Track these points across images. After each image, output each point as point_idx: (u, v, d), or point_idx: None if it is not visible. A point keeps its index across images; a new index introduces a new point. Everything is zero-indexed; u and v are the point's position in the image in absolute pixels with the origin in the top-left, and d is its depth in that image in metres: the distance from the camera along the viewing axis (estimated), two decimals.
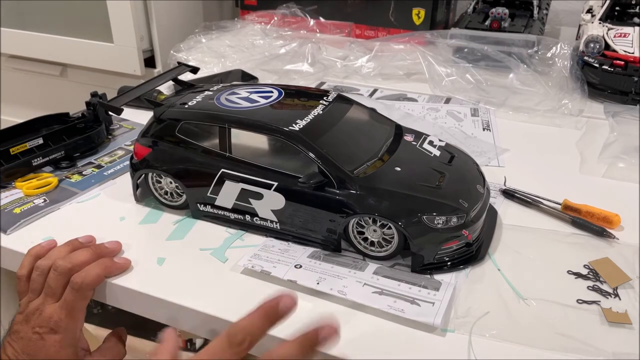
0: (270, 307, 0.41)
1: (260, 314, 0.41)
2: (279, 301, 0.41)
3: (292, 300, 0.41)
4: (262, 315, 0.41)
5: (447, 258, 0.55)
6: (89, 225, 0.63)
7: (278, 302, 0.41)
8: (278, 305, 0.41)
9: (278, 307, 0.41)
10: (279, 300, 0.41)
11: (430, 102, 0.96)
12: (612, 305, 0.51)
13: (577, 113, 0.91)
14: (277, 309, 0.41)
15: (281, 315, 0.41)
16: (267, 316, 0.41)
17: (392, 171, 0.57)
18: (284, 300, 0.41)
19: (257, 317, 0.41)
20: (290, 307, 0.41)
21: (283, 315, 0.41)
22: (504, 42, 1.05)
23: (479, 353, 0.47)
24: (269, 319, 0.41)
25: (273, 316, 0.41)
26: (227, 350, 0.41)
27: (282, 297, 0.41)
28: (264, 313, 0.41)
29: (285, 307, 0.41)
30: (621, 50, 0.93)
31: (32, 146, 0.72)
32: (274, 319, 0.41)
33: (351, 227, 0.56)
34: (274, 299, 0.41)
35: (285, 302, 0.41)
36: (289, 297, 0.41)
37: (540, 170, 0.75)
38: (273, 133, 0.57)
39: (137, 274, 0.56)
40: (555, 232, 0.62)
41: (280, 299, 0.41)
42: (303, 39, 1.17)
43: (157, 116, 0.63)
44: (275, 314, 0.41)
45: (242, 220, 0.61)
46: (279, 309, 0.41)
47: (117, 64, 1.28)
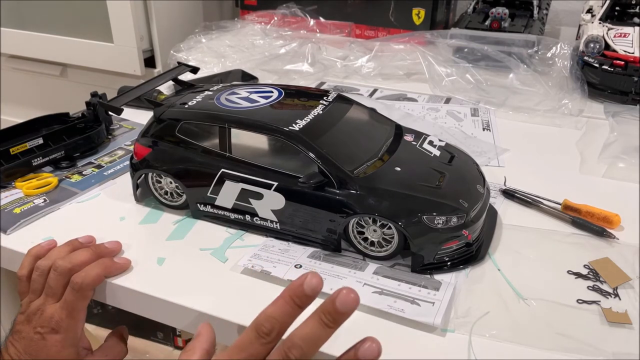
0: (295, 289, 0.38)
1: (286, 298, 0.39)
2: (304, 281, 0.38)
3: (318, 278, 0.38)
4: (289, 300, 0.39)
5: (447, 258, 0.55)
6: (89, 225, 0.63)
7: (302, 283, 0.38)
8: (303, 286, 0.38)
9: (304, 289, 0.38)
10: (303, 280, 0.38)
11: (430, 102, 0.96)
12: (612, 305, 0.51)
13: (577, 113, 0.91)
14: (303, 291, 0.38)
15: (308, 296, 0.38)
16: (293, 300, 0.38)
17: (392, 171, 0.57)
18: (309, 280, 0.38)
19: (283, 302, 0.39)
20: (316, 287, 0.38)
21: (310, 297, 0.38)
22: (504, 42, 1.05)
23: (479, 353, 0.47)
24: (295, 303, 0.38)
25: (300, 299, 0.38)
26: (256, 342, 0.39)
27: (306, 277, 0.38)
28: (290, 297, 0.39)
29: (311, 288, 0.38)
30: (621, 50, 0.93)
31: (32, 146, 0.72)
32: (301, 302, 0.38)
33: (351, 227, 0.56)
34: (298, 280, 0.38)
35: (311, 282, 0.38)
36: (314, 275, 0.38)
37: (540, 170, 0.75)
38: (273, 133, 0.57)
39: (137, 274, 0.56)
40: (555, 232, 0.62)
41: (305, 279, 0.38)
42: (303, 39, 1.17)
43: (157, 116, 0.63)
44: (302, 295, 0.38)
45: (242, 220, 0.61)
46: (304, 290, 0.38)
47: (117, 64, 1.28)
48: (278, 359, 0.38)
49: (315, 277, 0.38)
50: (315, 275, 0.38)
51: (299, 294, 0.38)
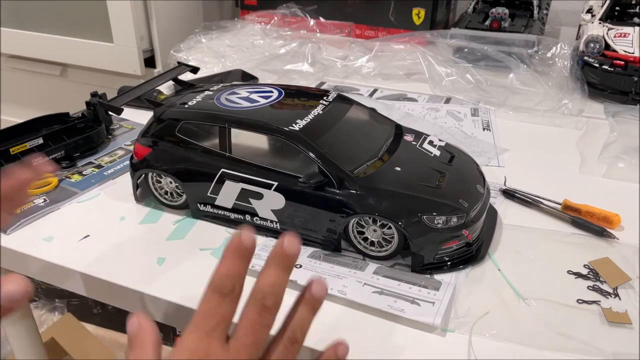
0: (236, 245, 0.38)
1: (233, 254, 0.38)
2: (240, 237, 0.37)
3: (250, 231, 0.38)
4: (236, 255, 0.38)
5: (447, 258, 0.55)
6: (89, 225, 0.63)
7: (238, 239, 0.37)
8: (242, 241, 0.37)
9: (243, 243, 0.37)
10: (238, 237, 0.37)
11: (430, 102, 0.96)
12: (612, 305, 0.51)
13: (577, 113, 0.91)
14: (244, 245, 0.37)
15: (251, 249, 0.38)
16: (239, 253, 0.38)
17: (392, 171, 0.57)
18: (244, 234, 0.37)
19: (232, 258, 0.38)
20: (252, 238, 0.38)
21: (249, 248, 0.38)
22: (504, 42, 1.05)
23: (479, 353, 0.47)
24: (242, 255, 0.38)
25: (245, 252, 0.38)
26: (222, 303, 0.38)
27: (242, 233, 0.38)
28: (236, 252, 0.38)
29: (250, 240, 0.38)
30: (621, 50, 0.93)
31: (32, 146, 0.72)
32: (247, 254, 0.38)
33: (351, 227, 0.56)
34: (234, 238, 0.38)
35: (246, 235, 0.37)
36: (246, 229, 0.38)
37: (540, 170, 0.75)
38: (273, 133, 0.57)
39: (137, 274, 0.56)
40: (555, 232, 0.62)
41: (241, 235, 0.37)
42: (303, 39, 1.17)
43: (157, 116, 0.63)
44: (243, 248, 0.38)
45: (242, 220, 0.61)
46: (244, 244, 0.37)
47: (117, 64, 1.28)
48: (253, 310, 0.38)
49: (247, 229, 0.38)
50: (247, 228, 0.38)
51: (240, 248, 0.38)
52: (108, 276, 0.55)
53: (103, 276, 0.55)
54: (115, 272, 0.56)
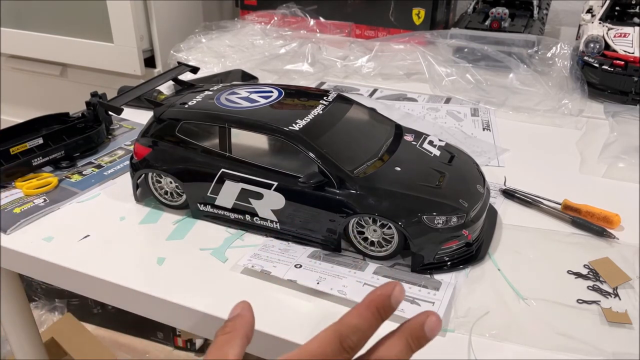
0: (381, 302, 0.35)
1: (372, 310, 0.36)
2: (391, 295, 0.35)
3: (401, 291, 0.36)
4: (375, 312, 0.35)
5: (447, 258, 0.55)
6: (89, 225, 0.63)
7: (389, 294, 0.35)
8: (390, 299, 0.35)
9: (391, 301, 0.35)
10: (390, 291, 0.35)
11: (430, 102, 0.96)
12: (612, 305, 0.51)
13: (577, 113, 0.91)
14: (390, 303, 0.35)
15: (393, 309, 0.36)
16: (379, 312, 0.36)
17: (392, 171, 0.57)
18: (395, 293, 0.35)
19: (369, 313, 0.36)
20: (400, 299, 0.36)
21: (394, 309, 0.36)
22: (504, 42, 1.05)
23: (479, 353, 0.47)
24: (381, 316, 0.36)
25: (385, 311, 0.36)
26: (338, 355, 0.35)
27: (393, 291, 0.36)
28: (376, 309, 0.36)
29: (397, 301, 0.35)
30: (621, 50, 0.93)
31: (32, 146, 0.72)
32: (386, 314, 0.36)
33: (351, 226, 0.56)
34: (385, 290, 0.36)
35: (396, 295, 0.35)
36: (398, 285, 0.36)
37: (540, 170, 0.75)
38: (273, 133, 0.57)
39: (137, 274, 0.56)
40: (555, 232, 0.62)
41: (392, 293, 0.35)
42: (303, 39, 1.17)
43: (157, 116, 0.63)
44: (388, 307, 0.36)
45: (242, 220, 0.61)
46: (391, 303, 0.35)
47: (117, 64, 1.28)
48: None
49: (400, 289, 0.36)
50: (399, 287, 0.36)
51: (385, 307, 0.36)
52: (108, 276, 0.55)
53: (103, 276, 0.55)
54: (115, 272, 0.56)
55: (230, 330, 0.39)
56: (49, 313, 1.43)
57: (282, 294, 0.53)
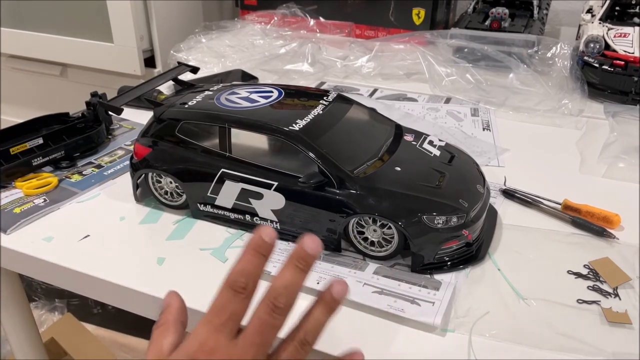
0: (257, 241, 0.39)
1: (251, 252, 0.39)
2: (261, 233, 0.39)
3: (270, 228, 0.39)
4: (253, 253, 0.39)
5: (447, 258, 0.55)
6: (89, 225, 0.63)
7: (260, 235, 0.39)
8: (262, 238, 0.39)
9: (263, 239, 0.39)
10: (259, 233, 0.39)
11: (430, 102, 0.96)
12: (612, 305, 0.51)
13: (577, 113, 0.91)
14: (264, 240, 0.39)
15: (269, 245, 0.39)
16: (258, 251, 0.39)
17: (392, 171, 0.57)
18: (264, 230, 0.39)
19: (250, 256, 0.39)
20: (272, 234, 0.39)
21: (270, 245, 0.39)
22: (504, 42, 1.05)
23: (479, 353, 0.47)
24: (261, 253, 0.39)
25: (263, 249, 0.39)
26: (234, 299, 0.39)
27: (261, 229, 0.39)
28: (254, 249, 0.39)
29: (270, 237, 0.39)
30: (621, 50, 0.93)
31: (32, 146, 0.72)
32: (266, 251, 0.39)
33: (351, 227, 0.56)
34: (255, 234, 0.39)
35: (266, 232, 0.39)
36: (265, 226, 0.39)
37: (540, 170, 0.75)
38: (273, 133, 0.57)
39: (137, 274, 0.56)
40: (555, 232, 0.62)
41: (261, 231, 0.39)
42: (303, 39, 1.17)
43: (157, 116, 0.63)
44: (264, 245, 0.39)
45: (242, 220, 0.61)
46: (265, 241, 0.39)
47: (117, 64, 1.28)
48: (264, 310, 0.39)
49: (268, 227, 0.39)
50: (267, 226, 0.40)
51: (261, 244, 0.39)
52: (108, 276, 0.55)
53: (103, 276, 0.55)
54: (115, 272, 0.56)
55: (162, 323, 0.42)
56: (49, 313, 1.43)
57: None
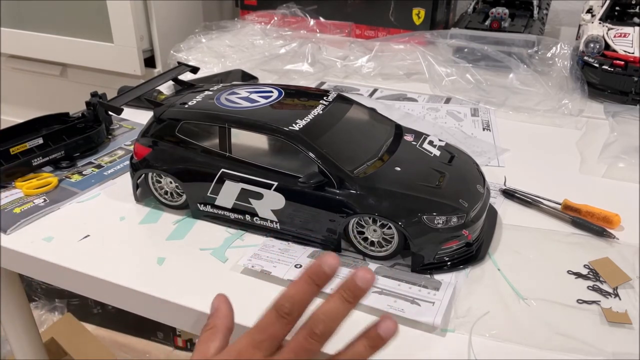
0: (314, 269, 0.39)
1: (305, 279, 0.39)
2: (322, 262, 0.39)
3: (335, 258, 0.39)
4: (308, 280, 0.39)
5: (447, 258, 0.55)
6: (89, 225, 0.63)
7: (321, 264, 0.39)
8: (322, 267, 0.39)
9: (323, 268, 0.39)
10: (321, 261, 0.39)
11: (430, 102, 0.96)
12: (612, 305, 0.51)
13: (577, 113, 0.91)
14: (323, 270, 0.39)
15: (327, 275, 0.39)
16: (312, 279, 0.39)
17: (392, 171, 0.57)
18: (326, 260, 0.39)
19: (303, 282, 0.39)
20: (334, 265, 0.39)
21: (329, 276, 0.39)
22: (504, 42, 1.05)
23: (479, 353, 0.47)
24: (315, 282, 0.39)
25: (319, 278, 0.39)
26: (277, 322, 0.40)
27: (324, 258, 0.39)
28: (309, 277, 0.39)
29: (329, 267, 0.39)
30: (621, 50, 0.93)
31: (32, 146, 0.72)
32: (320, 281, 0.39)
33: (351, 227, 0.56)
34: (317, 261, 0.39)
35: (329, 261, 0.39)
36: (331, 254, 0.39)
37: (540, 170, 0.75)
38: (273, 133, 0.57)
39: (137, 274, 0.56)
40: (555, 232, 0.62)
41: (323, 260, 0.39)
42: (303, 39, 1.17)
43: (157, 116, 0.63)
44: (321, 274, 0.39)
45: (242, 220, 0.61)
46: (324, 269, 0.39)
47: (117, 64, 1.28)
48: (303, 334, 0.39)
49: (332, 256, 0.39)
50: (332, 255, 0.40)
51: (318, 273, 0.39)
52: (108, 276, 0.55)
53: (103, 276, 0.55)
54: (115, 272, 0.56)
55: (212, 327, 0.43)
56: (49, 313, 1.43)
57: None
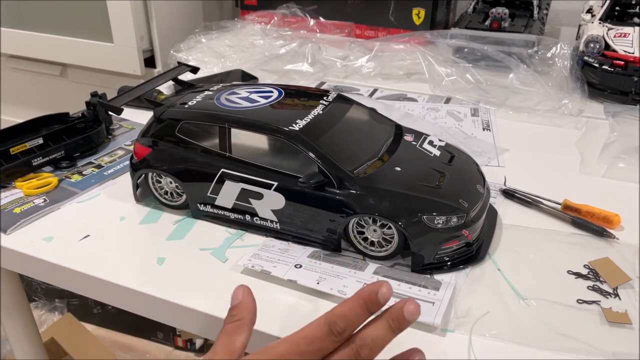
0: (370, 296, 0.39)
1: (360, 302, 0.39)
2: (378, 292, 0.39)
3: (390, 289, 0.40)
4: (362, 304, 0.39)
5: (447, 258, 0.55)
6: (89, 225, 0.63)
7: (377, 292, 0.39)
8: (377, 296, 0.39)
9: (378, 298, 0.39)
10: (377, 289, 0.39)
11: (430, 102, 0.96)
12: (612, 305, 0.51)
13: (577, 113, 0.91)
14: (377, 299, 0.39)
15: (380, 305, 0.40)
16: (366, 305, 0.39)
17: (392, 171, 0.57)
18: (382, 290, 0.39)
19: (357, 305, 0.39)
20: (388, 297, 0.40)
21: (381, 305, 0.40)
22: (504, 42, 1.05)
23: (479, 353, 0.47)
24: (368, 308, 0.40)
25: (373, 305, 0.40)
26: (327, 338, 0.39)
27: (380, 287, 0.39)
28: (364, 302, 0.39)
29: (384, 298, 0.40)
30: (621, 50, 0.93)
31: (32, 146, 0.72)
32: (373, 308, 0.40)
33: (351, 227, 0.56)
34: (373, 287, 0.40)
35: (383, 292, 0.39)
36: (386, 285, 0.40)
37: (540, 170, 0.75)
38: (273, 133, 0.57)
39: (137, 274, 0.56)
40: (555, 232, 0.62)
41: (379, 289, 0.39)
42: (303, 39, 1.17)
43: (157, 116, 0.63)
44: (376, 303, 0.39)
45: (242, 220, 0.61)
46: (378, 299, 0.39)
47: (117, 64, 1.28)
48: (347, 353, 0.39)
49: (387, 287, 0.40)
50: (387, 285, 0.40)
51: (372, 301, 0.40)
52: (108, 276, 0.55)
53: (103, 276, 0.55)
54: (115, 272, 0.56)
55: (238, 318, 0.42)
56: (49, 313, 1.44)
57: (282, 294, 0.53)
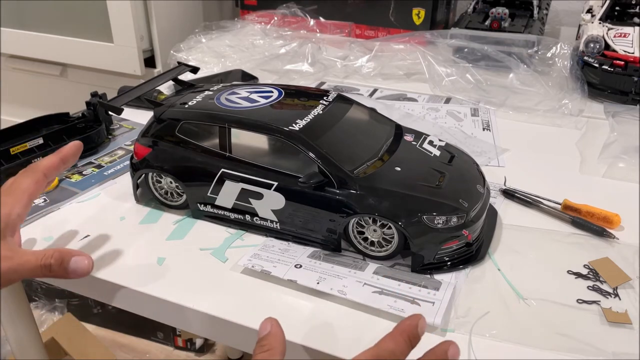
0: (413, 332, 0.41)
1: (405, 337, 0.41)
2: (419, 326, 0.42)
3: (425, 324, 0.42)
4: (407, 339, 0.41)
5: (447, 258, 0.55)
6: (89, 225, 0.63)
7: (417, 325, 0.42)
8: (418, 329, 0.41)
9: (418, 332, 0.41)
10: (416, 322, 0.42)
11: (430, 102, 0.96)
12: (612, 305, 0.51)
13: (577, 113, 0.91)
14: (417, 333, 0.41)
15: (419, 338, 0.42)
16: (410, 340, 0.41)
17: (392, 171, 0.57)
18: (422, 325, 0.42)
19: (402, 341, 0.41)
20: (424, 329, 0.42)
21: (420, 339, 0.42)
22: (504, 42, 1.05)
23: (479, 353, 0.47)
24: (411, 343, 0.41)
25: (414, 341, 0.41)
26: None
27: (420, 322, 0.42)
28: (408, 337, 0.41)
29: (422, 332, 0.42)
30: (621, 50, 0.93)
31: (32, 146, 0.72)
32: (415, 342, 0.41)
33: (351, 226, 0.56)
34: (412, 321, 0.42)
35: (422, 326, 0.42)
36: (424, 320, 0.42)
37: (540, 170, 0.75)
38: (273, 133, 0.57)
39: (137, 274, 0.56)
40: (555, 232, 0.62)
41: (419, 324, 0.42)
42: (303, 39, 1.17)
43: (157, 116, 0.63)
44: (417, 337, 0.42)
45: (242, 220, 0.61)
46: (419, 333, 0.42)
47: (117, 64, 1.28)
48: None
49: (424, 320, 0.42)
50: (424, 319, 0.42)
51: (415, 336, 0.41)
52: (108, 276, 0.55)
53: (103, 276, 0.55)
54: (115, 272, 0.56)
55: (269, 349, 0.42)
56: (49, 313, 1.43)
57: (282, 294, 0.53)
